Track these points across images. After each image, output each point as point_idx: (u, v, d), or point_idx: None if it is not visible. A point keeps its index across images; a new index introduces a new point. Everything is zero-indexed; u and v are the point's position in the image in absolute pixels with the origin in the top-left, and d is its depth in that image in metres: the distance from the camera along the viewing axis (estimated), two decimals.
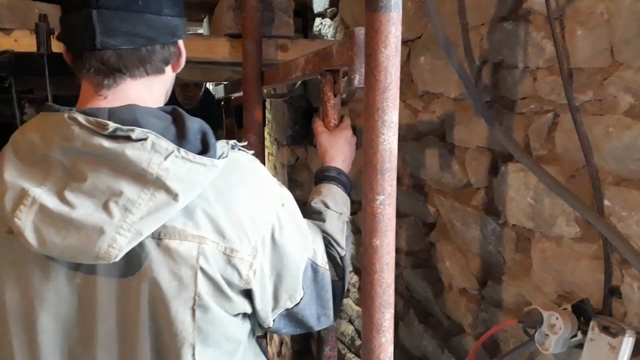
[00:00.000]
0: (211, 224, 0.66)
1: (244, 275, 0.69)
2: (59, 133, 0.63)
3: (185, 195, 0.62)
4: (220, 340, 0.71)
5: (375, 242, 0.91)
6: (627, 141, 1.00)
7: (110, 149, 0.61)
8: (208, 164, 0.64)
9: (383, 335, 0.94)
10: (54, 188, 0.62)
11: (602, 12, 1.02)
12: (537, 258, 1.25)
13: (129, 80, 0.72)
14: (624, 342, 0.95)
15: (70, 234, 0.60)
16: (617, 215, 1.03)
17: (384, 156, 0.89)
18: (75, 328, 0.67)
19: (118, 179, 0.61)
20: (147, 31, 0.71)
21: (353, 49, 1.01)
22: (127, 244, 0.60)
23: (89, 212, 0.60)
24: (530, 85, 1.22)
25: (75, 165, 0.62)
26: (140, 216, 0.60)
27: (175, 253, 0.64)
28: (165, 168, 0.61)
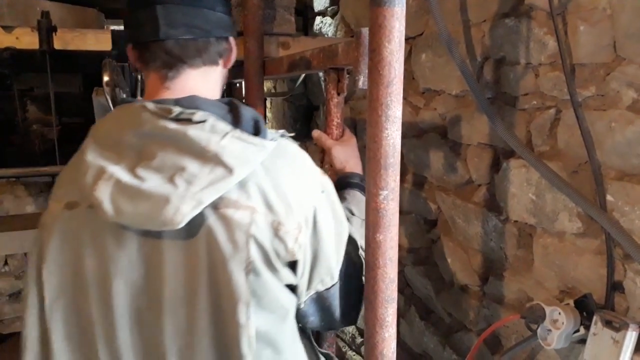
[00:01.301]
0: (262, 198, 0.73)
1: (289, 247, 0.74)
2: (131, 120, 0.72)
3: (239, 170, 0.69)
4: (272, 304, 0.75)
5: (378, 237, 0.91)
6: (629, 136, 1.00)
7: (175, 130, 0.70)
8: (258, 145, 0.72)
9: (386, 330, 0.94)
10: (127, 166, 0.70)
11: (604, 7, 1.03)
12: (539, 254, 1.25)
13: (189, 70, 0.81)
14: (627, 336, 0.95)
15: (140, 203, 0.67)
16: (620, 210, 1.03)
17: (387, 151, 0.89)
18: (143, 293, 0.74)
19: (182, 157, 0.69)
20: (204, 24, 0.80)
21: (359, 50, 1.00)
22: (190, 211, 0.67)
23: (157, 185, 0.68)
24: (532, 81, 1.22)
25: (145, 146, 0.71)
26: (201, 187, 0.68)
27: (230, 220, 0.71)
28: (222, 146, 0.69)
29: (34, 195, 2.31)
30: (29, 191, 2.32)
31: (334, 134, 1.21)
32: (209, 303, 0.72)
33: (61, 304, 0.75)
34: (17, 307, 2.56)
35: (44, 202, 2.33)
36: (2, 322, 2.52)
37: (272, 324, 0.77)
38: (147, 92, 0.82)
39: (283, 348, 0.80)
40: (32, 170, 1.40)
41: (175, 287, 0.72)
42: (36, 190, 2.30)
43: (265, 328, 0.75)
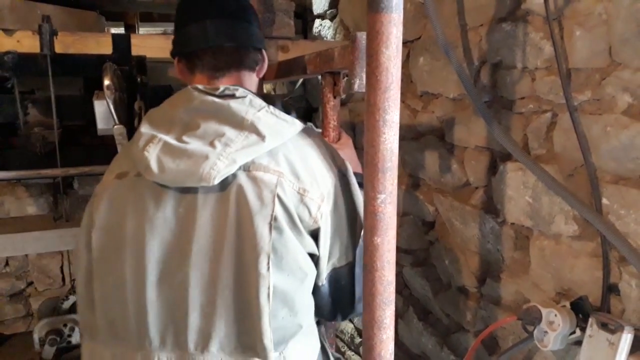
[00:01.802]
0: (289, 167, 0.82)
1: (313, 213, 0.81)
2: (183, 98, 0.84)
3: (271, 139, 0.79)
4: (292, 265, 0.80)
5: (376, 240, 0.92)
6: (625, 140, 1.01)
7: (220, 102, 0.81)
8: (290, 121, 0.83)
9: (384, 332, 0.95)
10: (175, 134, 0.80)
11: (600, 12, 1.04)
12: (536, 256, 1.26)
13: (233, 72, 0.93)
14: (622, 338, 0.96)
15: (182, 161, 0.76)
16: (615, 213, 1.04)
17: (385, 155, 0.90)
18: (173, 250, 0.80)
19: (222, 125, 0.79)
20: (244, 35, 0.93)
21: (354, 53, 1.02)
22: (224, 168, 0.76)
23: (198, 146, 0.77)
24: (528, 85, 1.23)
25: (192, 119, 0.81)
26: (236, 149, 0.77)
27: (259, 180, 0.79)
28: (258, 117, 0.80)
29: (35, 196, 2.32)
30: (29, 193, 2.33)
31: (330, 137, 1.23)
32: (233, 258, 0.78)
33: (100, 265, 0.82)
34: (18, 308, 2.57)
35: (44, 203, 2.34)
36: (3, 322, 2.53)
37: (290, 284, 0.81)
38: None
39: (299, 311, 0.84)
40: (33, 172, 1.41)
41: (204, 243, 0.79)
42: (37, 192, 2.31)
43: (284, 287, 0.80)
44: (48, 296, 2.29)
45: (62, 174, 1.39)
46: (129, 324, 0.81)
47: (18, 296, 2.57)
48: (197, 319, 0.79)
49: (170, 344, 0.80)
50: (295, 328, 0.85)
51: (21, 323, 2.55)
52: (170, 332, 0.80)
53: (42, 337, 1.49)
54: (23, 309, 2.57)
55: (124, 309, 0.81)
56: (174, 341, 0.80)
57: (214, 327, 0.79)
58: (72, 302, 1.58)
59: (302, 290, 0.84)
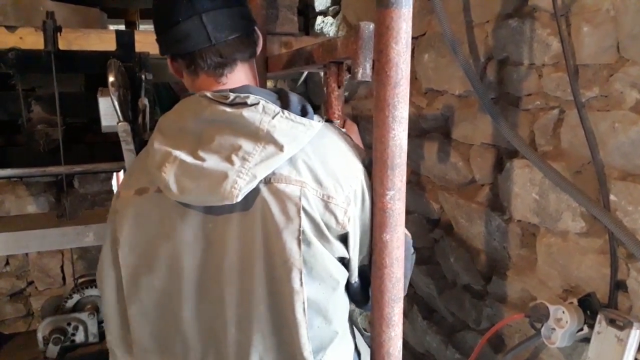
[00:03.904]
0: (311, 174, 0.79)
1: (340, 219, 0.79)
2: (192, 108, 0.80)
3: (289, 147, 0.76)
4: (323, 274, 0.80)
5: (385, 237, 0.91)
6: (633, 136, 1.01)
7: (231, 112, 0.76)
8: (306, 124, 0.78)
9: (392, 329, 0.94)
10: (190, 149, 0.77)
11: (608, 8, 1.03)
12: (543, 253, 1.26)
13: (239, 64, 0.87)
14: (631, 334, 0.96)
15: (202, 181, 0.74)
16: (623, 209, 1.04)
17: (394, 151, 0.89)
18: (206, 267, 0.80)
19: (238, 137, 0.75)
20: (241, 21, 0.86)
21: (358, 43, 1.01)
22: (246, 185, 0.73)
23: (216, 163, 0.74)
24: (535, 81, 1.23)
25: (205, 130, 0.77)
26: (255, 163, 0.74)
27: (282, 193, 0.77)
28: (273, 125, 0.76)
29: (35, 195, 2.31)
30: (30, 191, 2.31)
31: None
32: (264, 272, 0.77)
33: (134, 283, 0.82)
34: (18, 307, 2.56)
35: (45, 202, 2.33)
36: (4, 322, 2.52)
37: (322, 294, 0.81)
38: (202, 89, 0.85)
39: (333, 318, 0.84)
40: (37, 170, 1.40)
41: (234, 259, 0.78)
42: (38, 190, 2.30)
43: (316, 297, 0.80)
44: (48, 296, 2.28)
45: (66, 171, 1.39)
46: (172, 339, 0.83)
47: (18, 296, 2.56)
48: (235, 334, 0.80)
49: (212, 357, 0.83)
50: (332, 335, 0.86)
51: (22, 323, 2.54)
52: (212, 346, 0.82)
53: (46, 335, 1.48)
54: (23, 309, 2.56)
55: (166, 325, 0.82)
56: (215, 355, 0.82)
57: (252, 341, 0.80)
58: (76, 300, 1.57)
59: (335, 298, 0.84)
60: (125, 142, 1.30)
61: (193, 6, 0.81)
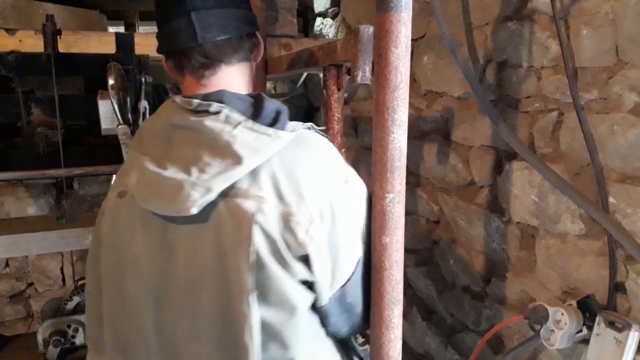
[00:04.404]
0: (273, 188, 0.73)
1: (299, 238, 0.73)
2: (164, 113, 0.79)
3: (249, 160, 0.71)
4: (279, 299, 0.75)
5: (384, 240, 0.91)
6: (632, 139, 1.01)
7: (194, 120, 0.74)
8: (272, 135, 0.73)
9: (392, 331, 0.95)
10: (158, 156, 0.76)
11: (607, 11, 1.04)
12: (542, 255, 1.26)
13: (224, 67, 0.83)
14: (630, 336, 0.96)
15: (161, 191, 0.72)
16: (622, 212, 1.04)
17: (393, 154, 0.89)
18: (164, 276, 0.78)
19: (200, 147, 0.73)
20: (234, 23, 0.83)
21: (357, 46, 1.02)
22: (200, 198, 0.70)
23: (174, 173, 0.72)
24: (534, 84, 1.23)
25: (172, 137, 0.76)
26: (211, 175, 0.71)
27: (238, 209, 0.72)
28: (233, 136, 0.72)
29: (35, 197, 2.31)
30: (30, 193, 2.32)
31: (335, 129, 1.23)
32: (217, 290, 0.74)
33: (109, 283, 0.82)
34: (18, 309, 2.56)
35: (45, 204, 2.33)
36: (4, 324, 2.52)
37: (278, 318, 0.76)
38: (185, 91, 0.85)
39: (292, 344, 0.79)
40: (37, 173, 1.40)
41: (192, 273, 0.76)
42: (37, 192, 2.30)
43: (271, 321, 0.75)
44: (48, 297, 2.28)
45: (66, 174, 1.39)
46: (137, 345, 0.81)
47: (18, 297, 2.56)
48: (193, 347, 0.78)
49: None
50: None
51: (21, 324, 2.54)
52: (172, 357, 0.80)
53: (46, 338, 1.49)
54: (23, 310, 2.57)
55: (132, 330, 0.81)
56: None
57: (208, 356, 0.77)
58: (76, 302, 1.58)
59: (293, 324, 0.78)
60: (125, 144, 1.31)
61: (184, 4, 0.80)
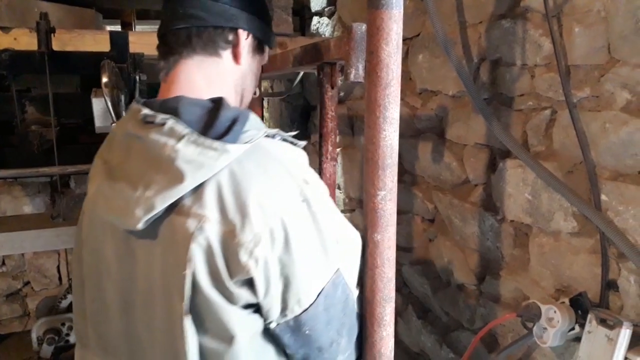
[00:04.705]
0: (217, 206, 0.67)
1: (242, 261, 0.66)
2: (126, 118, 0.77)
3: (192, 176, 0.66)
4: (218, 326, 0.70)
5: (376, 237, 0.92)
6: (624, 137, 1.01)
7: (141, 131, 0.71)
8: (219, 149, 0.67)
9: (384, 329, 0.95)
10: (114, 164, 0.74)
11: (599, 9, 1.04)
12: (535, 253, 1.26)
13: (182, 61, 0.80)
14: (621, 334, 0.97)
15: (112, 204, 0.72)
16: (614, 209, 1.05)
17: (385, 152, 0.90)
18: (128, 284, 0.76)
19: (147, 161, 0.70)
20: (200, 13, 0.78)
21: (350, 44, 1.02)
22: (143, 215, 0.68)
23: (123, 187, 0.71)
24: (528, 82, 1.23)
25: (130, 145, 0.74)
26: (154, 192, 0.67)
27: (179, 228, 0.68)
28: (175, 150, 0.67)
29: (31, 195, 2.31)
30: (26, 192, 2.32)
31: (328, 127, 1.24)
32: (164, 307, 0.71)
33: (90, 282, 0.81)
34: (14, 308, 2.56)
35: (41, 202, 2.33)
36: (0, 322, 2.52)
37: (216, 346, 0.71)
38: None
39: None
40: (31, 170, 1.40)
41: (145, 285, 0.74)
42: (33, 191, 2.30)
43: (210, 348, 0.71)
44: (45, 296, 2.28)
45: (59, 172, 1.39)
46: (114, 344, 0.81)
47: (15, 296, 2.56)
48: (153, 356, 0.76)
49: None
50: None
51: (18, 323, 2.55)
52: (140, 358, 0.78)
53: (40, 335, 1.49)
54: (20, 309, 2.57)
55: (108, 329, 0.81)
56: None
57: None
58: (70, 301, 1.58)
59: (233, 352, 0.71)
60: None
61: None
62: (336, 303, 0.78)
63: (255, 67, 0.90)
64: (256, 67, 0.91)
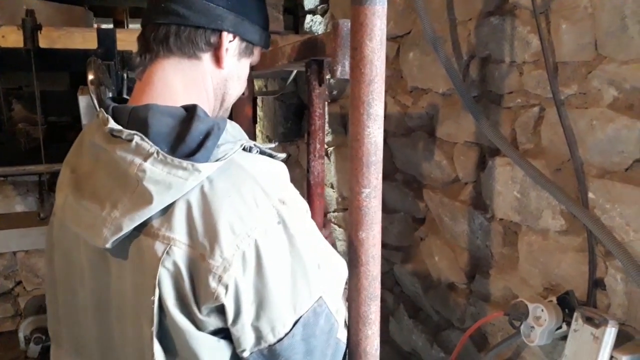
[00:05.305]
0: (186, 228, 0.64)
1: (211, 287, 0.63)
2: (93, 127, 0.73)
3: (160, 197, 0.63)
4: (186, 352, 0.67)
5: (361, 235, 0.91)
6: (610, 134, 1.01)
7: (107, 146, 0.67)
8: (189, 169, 0.63)
9: (369, 327, 0.94)
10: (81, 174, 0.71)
11: (586, 6, 1.03)
12: (524, 251, 1.26)
13: (158, 60, 0.76)
14: (606, 332, 0.96)
15: (80, 220, 0.69)
16: (601, 207, 1.04)
17: (369, 149, 0.89)
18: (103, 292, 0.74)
19: (113, 177, 0.66)
20: (182, 10, 0.73)
21: (336, 41, 1.01)
22: (111, 236, 0.65)
23: (90, 203, 0.68)
24: (516, 79, 1.23)
25: (98, 155, 0.70)
26: (121, 212, 0.64)
27: (146, 250, 0.65)
28: (142, 169, 0.63)
29: (22, 194, 2.30)
30: (17, 191, 2.31)
31: (317, 124, 1.23)
32: (134, 325, 0.69)
33: (61, 285, 0.81)
34: (6, 307, 2.55)
35: (32, 201, 2.32)
36: None
37: None
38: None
39: None
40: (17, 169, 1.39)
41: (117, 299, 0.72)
42: (25, 190, 2.29)
43: None
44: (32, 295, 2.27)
45: (46, 170, 1.38)
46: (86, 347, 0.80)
47: (6, 295, 2.55)
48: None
49: None
50: None
51: (10, 322, 2.54)
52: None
53: (28, 335, 1.48)
54: (11, 309, 2.56)
55: (80, 332, 0.80)
56: None
57: None
58: None
59: None
60: None
61: None
62: (318, 334, 0.73)
63: (241, 70, 0.85)
64: (242, 71, 0.85)
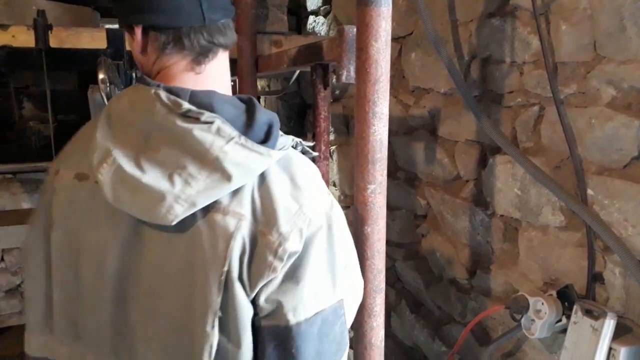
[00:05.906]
0: (251, 206, 0.70)
1: (268, 261, 0.68)
2: (144, 106, 0.71)
3: (238, 179, 0.68)
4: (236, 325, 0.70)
5: (366, 230, 0.94)
6: (609, 132, 1.03)
7: (182, 127, 0.68)
8: (264, 153, 0.68)
9: (374, 319, 0.97)
10: (132, 153, 0.70)
11: (585, 7, 1.06)
12: (524, 247, 1.29)
13: (221, 53, 0.78)
14: (605, 324, 0.99)
15: (138, 195, 0.68)
16: (600, 203, 1.07)
17: (374, 146, 0.92)
18: (127, 273, 0.74)
19: (184, 155, 0.68)
20: (229, 4, 0.77)
21: (342, 46, 1.04)
22: (182, 212, 0.67)
23: (156, 179, 0.68)
24: (517, 79, 1.26)
25: (153, 136, 0.70)
26: (197, 190, 0.67)
27: (217, 225, 0.68)
28: (224, 151, 0.67)
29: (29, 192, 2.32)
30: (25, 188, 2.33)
31: (321, 126, 1.26)
32: (180, 303, 0.71)
33: (61, 268, 0.78)
34: (13, 303, 2.57)
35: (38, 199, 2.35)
36: None
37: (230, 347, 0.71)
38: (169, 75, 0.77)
39: None
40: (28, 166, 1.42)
41: (153, 278, 0.72)
42: (32, 187, 2.31)
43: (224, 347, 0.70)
44: None
45: None
46: (91, 332, 0.79)
47: (14, 292, 2.58)
48: (145, 352, 0.75)
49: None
50: None
51: (16, 318, 2.56)
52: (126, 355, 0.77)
53: None
54: (18, 305, 2.58)
55: (85, 316, 0.79)
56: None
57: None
58: None
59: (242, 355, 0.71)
60: None
61: None
62: (332, 339, 0.74)
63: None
64: None
